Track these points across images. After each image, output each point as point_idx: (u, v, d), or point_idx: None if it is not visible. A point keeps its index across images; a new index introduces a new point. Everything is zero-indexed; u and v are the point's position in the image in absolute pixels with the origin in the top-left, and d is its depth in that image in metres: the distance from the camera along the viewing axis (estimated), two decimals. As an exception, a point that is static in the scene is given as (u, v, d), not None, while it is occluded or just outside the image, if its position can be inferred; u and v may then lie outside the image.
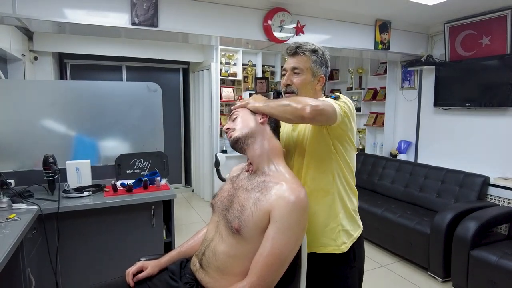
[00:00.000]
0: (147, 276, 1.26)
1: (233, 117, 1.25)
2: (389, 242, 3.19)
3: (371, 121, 4.57)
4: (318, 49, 1.31)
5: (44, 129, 2.35)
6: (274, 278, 1.05)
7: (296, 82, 1.29)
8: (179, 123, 5.47)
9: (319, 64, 1.31)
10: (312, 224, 1.24)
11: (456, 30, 3.40)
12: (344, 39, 3.36)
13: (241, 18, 2.94)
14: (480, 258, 2.36)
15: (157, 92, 2.61)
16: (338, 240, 1.26)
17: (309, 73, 1.29)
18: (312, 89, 1.31)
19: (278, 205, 1.04)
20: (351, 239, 1.29)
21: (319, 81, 1.32)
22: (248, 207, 1.08)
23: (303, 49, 1.29)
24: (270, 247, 1.03)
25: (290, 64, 1.31)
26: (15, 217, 1.65)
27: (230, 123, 1.26)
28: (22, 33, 3.56)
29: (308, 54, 1.29)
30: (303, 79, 1.29)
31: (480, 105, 3.22)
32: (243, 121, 1.22)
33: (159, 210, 2.21)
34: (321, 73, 1.32)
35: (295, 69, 1.30)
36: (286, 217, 1.04)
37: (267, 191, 1.09)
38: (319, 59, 1.30)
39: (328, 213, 1.27)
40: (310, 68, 1.29)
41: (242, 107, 1.26)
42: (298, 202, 1.05)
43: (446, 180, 3.29)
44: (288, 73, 1.32)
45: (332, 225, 1.26)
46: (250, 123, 1.21)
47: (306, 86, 1.29)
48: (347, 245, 1.27)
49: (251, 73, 4.78)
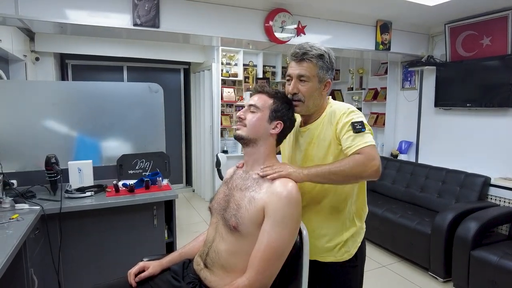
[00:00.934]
0: (149, 276, 1.27)
1: (251, 109, 1.21)
2: (390, 242, 3.19)
3: (372, 122, 4.57)
4: (324, 53, 1.25)
5: (46, 130, 2.35)
6: (272, 271, 1.09)
7: (303, 90, 1.24)
8: (180, 123, 5.48)
9: (326, 69, 1.26)
10: (317, 240, 1.30)
11: (456, 31, 3.40)
12: (345, 40, 3.36)
13: (242, 19, 2.95)
14: (481, 258, 2.37)
15: (158, 92, 2.62)
16: (339, 252, 1.31)
17: (316, 80, 1.25)
18: (319, 96, 1.28)
19: (271, 201, 1.08)
20: (354, 245, 1.33)
21: (326, 86, 1.28)
22: (243, 205, 1.12)
23: (310, 56, 1.23)
24: (266, 241, 1.06)
25: (295, 71, 1.25)
26: (18, 218, 1.66)
27: (247, 112, 1.22)
28: (24, 33, 3.57)
29: (314, 61, 1.24)
30: (310, 86, 1.24)
31: (480, 105, 3.22)
32: (255, 125, 1.19)
33: (160, 210, 2.22)
34: (327, 78, 1.28)
35: (301, 76, 1.24)
36: (279, 211, 1.07)
37: (260, 188, 1.13)
38: (326, 64, 1.25)
39: (336, 230, 1.31)
40: (316, 75, 1.24)
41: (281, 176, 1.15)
42: (289, 196, 1.08)
43: (446, 180, 3.30)
44: (294, 81, 1.26)
45: (338, 241, 1.31)
46: (261, 129, 1.20)
47: (313, 94, 1.26)
48: (350, 253, 1.32)
49: (252, 73, 4.78)
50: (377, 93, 4.52)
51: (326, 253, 1.31)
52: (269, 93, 1.23)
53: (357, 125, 1.18)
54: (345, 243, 1.30)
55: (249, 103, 1.24)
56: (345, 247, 1.30)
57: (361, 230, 1.35)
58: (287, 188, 1.09)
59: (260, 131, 1.20)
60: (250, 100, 1.24)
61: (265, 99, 1.22)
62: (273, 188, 1.11)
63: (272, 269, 1.08)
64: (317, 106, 1.29)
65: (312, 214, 1.31)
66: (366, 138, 1.16)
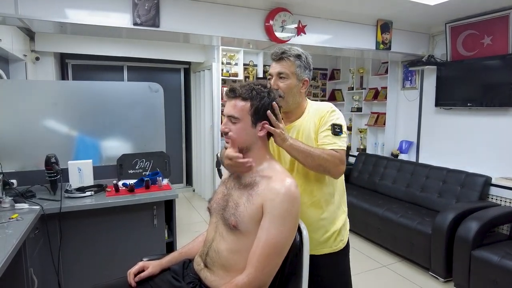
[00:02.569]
0: (149, 276, 1.27)
1: (232, 120, 1.17)
2: (391, 242, 3.18)
3: (372, 121, 4.56)
4: (301, 53, 1.37)
5: (46, 129, 2.35)
6: (272, 268, 1.08)
7: (282, 86, 1.34)
8: (180, 123, 5.47)
9: (303, 68, 1.37)
10: (315, 234, 1.35)
11: (457, 30, 3.39)
12: (345, 39, 3.36)
13: (243, 18, 2.94)
14: (481, 258, 2.36)
15: (158, 92, 2.62)
16: (335, 241, 1.41)
17: (294, 77, 1.36)
18: (297, 93, 1.38)
19: (269, 198, 1.09)
20: (346, 232, 1.45)
21: (304, 84, 1.39)
22: (242, 204, 1.12)
23: (288, 55, 1.35)
24: (265, 238, 1.06)
25: (275, 69, 1.37)
26: (17, 217, 1.65)
27: (229, 124, 1.17)
28: (24, 33, 3.56)
29: (292, 59, 1.35)
30: (288, 83, 1.35)
31: (481, 105, 3.22)
32: (241, 135, 1.17)
33: (161, 210, 2.21)
34: (305, 77, 1.38)
35: (280, 74, 1.35)
36: (277, 207, 1.08)
37: (258, 186, 1.14)
38: (303, 63, 1.37)
39: (331, 220, 1.40)
40: (294, 72, 1.35)
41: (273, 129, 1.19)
42: (287, 192, 1.09)
43: (447, 180, 3.29)
44: (274, 78, 1.37)
45: (334, 229, 1.40)
46: (248, 137, 1.18)
47: (292, 90, 1.35)
48: (344, 241, 1.43)
49: (252, 73, 4.77)
50: (377, 93, 4.51)
51: (322, 245, 1.39)
52: (243, 96, 1.16)
53: (336, 127, 1.32)
54: (340, 232, 1.41)
55: (227, 113, 1.18)
56: (339, 236, 1.41)
57: (346, 216, 1.48)
58: (285, 185, 1.10)
59: (248, 139, 1.18)
60: (227, 109, 1.19)
61: (241, 106, 1.16)
62: (271, 185, 1.11)
63: (272, 266, 1.08)
64: (296, 103, 1.39)
65: (305, 207, 1.35)
66: (341, 142, 1.31)
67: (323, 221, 1.38)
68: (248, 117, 1.16)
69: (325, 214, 1.38)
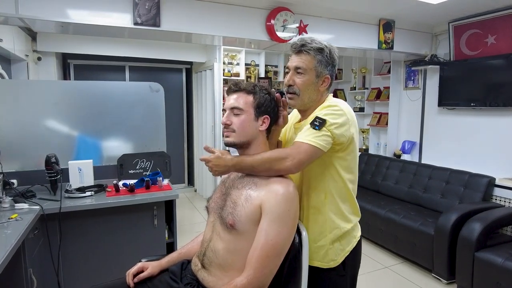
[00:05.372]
0: (148, 277, 1.26)
1: (235, 112, 1.18)
2: (393, 243, 3.16)
3: (374, 121, 4.54)
4: (324, 47, 1.22)
5: (47, 129, 2.35)
6: (271, 269, 1.07)
7: (298, 82, 1.21)
8: (182, 123, 5.48)
9: (325, 64, 1.22)
10: None
11: (460, 29, 3.36)
12: (347, 39, 3.34)
13: (244, 18, 2.93)
14: (485, 259, 2.33)
15: (159, 92, 2.61)
16: (326, 258, 1.23)
17: (313, 73, 1.21)
18: (315, 90, 1.23)
19: (267, 198, 1.08)
20: (342, 254, 1.24)
21: (324, 82, 1.23)
22: (240, 203, 1.11)
23: (308, 48, 1.20)
24: (264, 239, 1.05)
25: (293, 63, 1.23)
26: (17, 217, 1.65)
27: (231, 116, 1.18)
28: (26, 33, 3.57)
29: (312, 54, 1.20)
30: (305, 80, 1.21)
31: (485, 105, 3.19)
32: (244, 128, 1.17)
33: (161, 211, 2.20)
34: (326, 74, 1.23)
35: (298, 68, 1.21)
36: (276, 208, 1.06)
37: (256, 186, 1.12)
38: (325, 58, 1.21)
39: (319, 231, 1.23)
40: (314, 68, 1.21)
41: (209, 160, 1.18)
42: (286, 193, 1.08)
43: (450, 181, 3.26)
44: (291, 73, 1.24)
45: (322, 243, 1.23)
46: (250, 130, 1.18)
47: (309, 88, 1.22)
48: (337, 261, 1.24)
49: (254, 73, 4.76)
50: (380, 93, 4.49)
51: (312, 254, 1.23)
52: (247, 90, 1.19)
53: (317, 120, 1.13)
54: (331, 249, 1.22)
55: (230, 105, 1.19)
56: (330, 254, 1.23)
57: (349, 236, 1.25)
58: (283, 186, 1.09)
59: (250, 132, 1.18)
60: (230, 102, 1.19)
61: (245, 98, 1.18)
62: (270, 186, 1.10)
63: (270, 267, 1.07)
64: (313, 102, 1.25)
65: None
66: (313, 137, 1.11)
67: (311, 229, 1.24)
68: (251, 110, 1.18)
69: (311, 223, 1.24)
